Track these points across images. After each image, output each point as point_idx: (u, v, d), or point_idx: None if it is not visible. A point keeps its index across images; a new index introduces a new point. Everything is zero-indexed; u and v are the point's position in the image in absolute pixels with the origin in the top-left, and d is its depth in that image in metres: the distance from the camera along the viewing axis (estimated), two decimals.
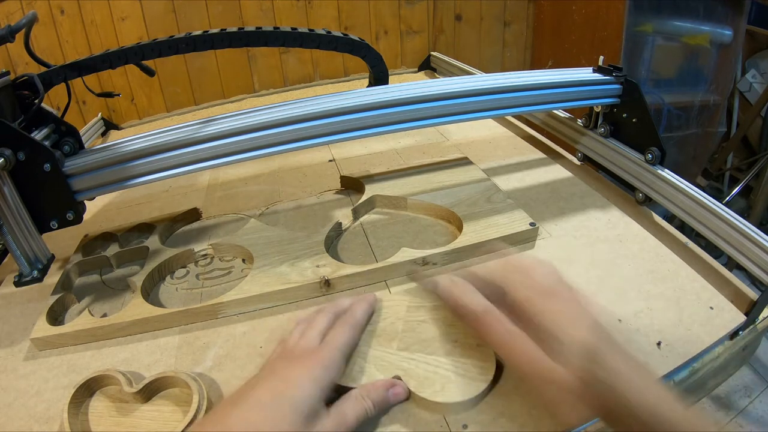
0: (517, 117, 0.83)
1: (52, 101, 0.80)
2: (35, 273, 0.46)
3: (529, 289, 0.31)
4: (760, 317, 0.42)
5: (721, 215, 0.45)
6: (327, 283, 0.44)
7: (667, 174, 0.52)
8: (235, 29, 0.49)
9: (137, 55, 0.48)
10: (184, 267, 0.50)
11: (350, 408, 0.31)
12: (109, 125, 0.99)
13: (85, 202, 0.47)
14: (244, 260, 0.50)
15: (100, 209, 0.65)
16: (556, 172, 0.64)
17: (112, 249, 0.51)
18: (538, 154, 0.70)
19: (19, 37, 0.44)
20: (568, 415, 0.27)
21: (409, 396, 0.34)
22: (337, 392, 0.32)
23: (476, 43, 1.23)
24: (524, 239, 0.50)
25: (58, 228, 0.46)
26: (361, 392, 0.32)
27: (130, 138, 0.46)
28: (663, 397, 0.25)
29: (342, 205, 0.59)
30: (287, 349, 0.34)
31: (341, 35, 0.53)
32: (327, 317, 0.37)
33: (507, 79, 0.55)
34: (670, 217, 0.57)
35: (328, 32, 0.52)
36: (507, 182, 0.62)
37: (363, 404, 0.31)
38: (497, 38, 1.25)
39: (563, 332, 0.28)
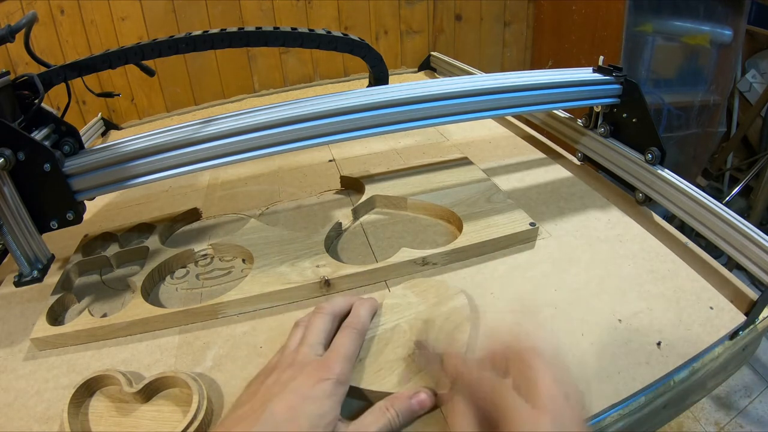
0: (517, 117, 0.83)
1: (52, 101, 0.80)
2: (35, 273, 0.46)
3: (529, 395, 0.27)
4: (760, 317, 0.42)
5: (721, 215, 0.45)
6: (327, 283, 0.44)
7: (667, 174, 0.52)
8: (235, 29, 0.49)
9: (137, 55, 0.48)
10: (184, 267, 0.50)
11: (372, 421, 0.30)
12: (109, 125, 0.99)
13: (85, 202, 0.47)
14: (244, 260, 0.50)
15: (100, 209, 0.65)
16: (556, 172, 0.64)
17: (112, 249, 0.51)
18: (538, 154, 0.70)
19: (19, 37, 0.44)
20: None
21: (436, 404, 0.32)
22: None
23: (476, 43, 1.23)
24: (524, 239, 0.50)
25: (58, 228, 0.46)
26: (384, 403, 0.31)
27: (130, 138, 0.46)
28: None
29: (342, 205, 0.59)
30: (289, 356, 0.33)
31: (341, 35, 0.53)
32: (324, 319, 0.36)
33: (507, 79, 0.55)
34: (670, 217, 0.57)
35: (328, 32, 0.52)
36: (507, 182, 0.62)
37: (386, 415, 0.30)
38: (497, 38, 1.25)
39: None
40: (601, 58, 0.59)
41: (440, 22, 1.17)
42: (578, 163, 0.66)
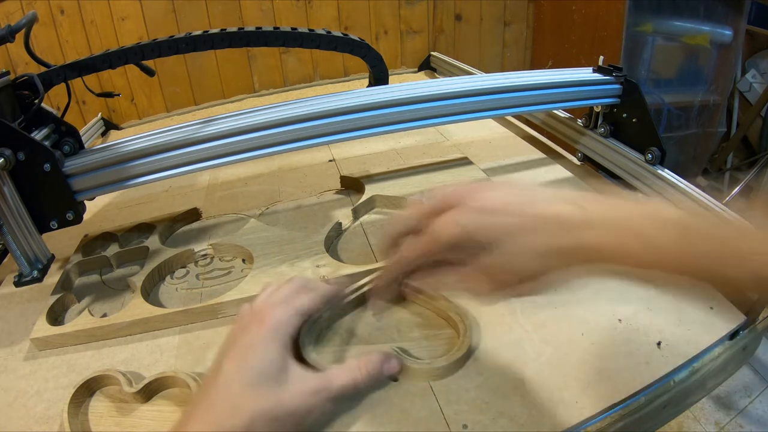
0: (517, 117, 0.83)
1: (52, 101, 0.80)
2: (35, 273, 0.46)
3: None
4: (760, 317, 0.42)
5: (721, 215, 0.45)
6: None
7: (667, 174, 0.52)
8: (235, 29, 0.49)
9: (137, 55, 0.48)
10: (184, 267, 0.50)
11: (338, 376, 0.31)
12: (109, 125, 0.99)
13: (85, 202, 0.47)
14: (244, 260, 0.50)
15: (100, 209, 0.65)
16: (556, 172, 0.64)
17: (112, 249, 0.51)
18: (538, 154, 0.70)
19: (19, 37, 0.44)
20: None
21: (401, 370, 0.34)
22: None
23: (476, 43, 1.23)
24: None
25: (58, 228, 0.46)
26: (357, 363, 0.32)
27: (130, 138, 0.46)
28: None
29: (342, 205, 0.59)
30: (248, 312, 0.34)
31: (341, 35, 0.53)
32: (295, 285, 0.36)
33: (507, 79, 0.55)
34: None
35: (328, 32, 0.52)
36: None
37: (354, 375, 0.31)
38: (497, 38, 1.25)
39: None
40: (601, 58, 0.59)
41: (440, 22, 1.17)
42: (578, 163, 0.66)
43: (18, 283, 0.46)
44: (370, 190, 0.57)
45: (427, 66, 1.17)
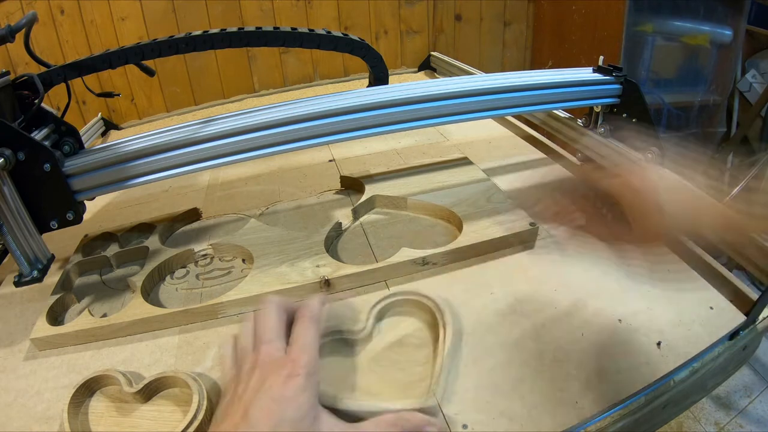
0: (517, 117, 0.83)
1: (52, 101, 0.80)
2: (35, 273, 0.46)
3: None
4: (760, 317, 0.42)
5: None
6: (327, 283, 0.44)
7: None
8: (235, 29, 0.49)
9: (137, 55, 0.48)
10: (184, 267, 0.50)
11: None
12: (109, 125, 0.99)
13: (85, 202, 0.47)
14: (244, 260, 0.50)
15: (100, 209, 0.65)
16: (556, 172, 0.64)
17: (112, 249, 0.51)
18: (538, 154, 0.70)
19: (19, 37, 0.44)
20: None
21: None
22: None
23: (476, 43, 1.23)
24: (524, 239, 0.50)
25: (58, 228, 0.46)
26: (394, 419, 0.30)
27: (130, 138, 0.47)
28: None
29: (342, 205, 0.59)
30: (251, 358, 0.32)
31: (341, 35, 0.53)
32: (272, 310, 0.34)
33: (507, 79, 0.55)
34: None
35: (328, 32, 0.52)
36: (507, 182, 0.62)
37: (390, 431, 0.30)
38: (497, 38, 1.25)
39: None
40: (601, 58, 0.59)
41: (440, 22, 1.17)
42: (578, 163, 0.66)
43: (18, 283, 0.46)
44: (370, 190, 0.57)
45: (427, 66, 1.17)
